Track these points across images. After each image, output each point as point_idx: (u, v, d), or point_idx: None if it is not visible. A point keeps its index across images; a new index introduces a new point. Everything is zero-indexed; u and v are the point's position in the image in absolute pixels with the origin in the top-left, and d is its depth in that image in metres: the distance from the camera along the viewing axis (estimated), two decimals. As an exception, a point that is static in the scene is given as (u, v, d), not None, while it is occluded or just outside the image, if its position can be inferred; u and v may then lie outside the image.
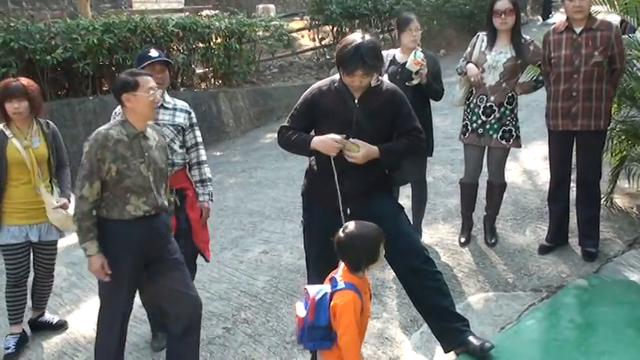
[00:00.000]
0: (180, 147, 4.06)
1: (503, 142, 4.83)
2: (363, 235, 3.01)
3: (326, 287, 3.00)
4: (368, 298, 3.04)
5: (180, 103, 4.14)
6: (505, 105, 4.81)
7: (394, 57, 4.96)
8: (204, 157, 4.21)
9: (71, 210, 3.96)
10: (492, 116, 4.82)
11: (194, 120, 4.17)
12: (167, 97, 4.10)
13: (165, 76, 4.07)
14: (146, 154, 3.43)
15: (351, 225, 3.05)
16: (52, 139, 4.35)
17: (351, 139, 3.34)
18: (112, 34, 8.95)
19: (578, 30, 4.51)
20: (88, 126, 8.54)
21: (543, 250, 4.84)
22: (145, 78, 3.41)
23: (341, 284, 2.96)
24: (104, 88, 9.51)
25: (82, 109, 8.70)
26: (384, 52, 5.09)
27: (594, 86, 4.48)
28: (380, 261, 3.03)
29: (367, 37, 3.38)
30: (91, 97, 8.95)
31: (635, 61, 5.50)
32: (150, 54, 4.01)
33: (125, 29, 9.11)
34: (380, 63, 3.42)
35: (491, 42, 4.84)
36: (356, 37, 3.38)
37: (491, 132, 4.83)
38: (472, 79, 4.82)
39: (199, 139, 4.19)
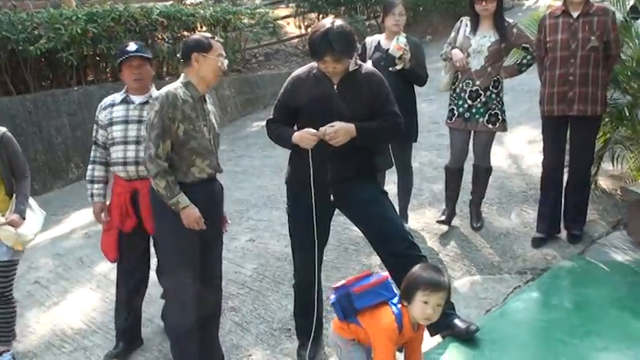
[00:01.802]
0: None
1: (490, 125, 4.85)
2: (413, 269, 3.05)
3: (392, 293, 3.11)
4: (409, 331, 3.05)
5: None
6: (491, 89, 4.83)
7: (379, 43, 4.96)
8: None
9: (24, 229, 3.84)
10: (478, 100, 4.83)
11: None
12: (155, 93, 3.76)
13: (145, 71, 3.93)
14: (208, 117, 3.51)
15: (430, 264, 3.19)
16: (5, 150, 3.89)
17: (326, 127, 3.32)
18: (95, 23, 8.86)
19: (575, 14, 4.51)
20: (72, 117, 8.49)
21: (537, 243, 4.82)
22: (217, 43, 3.49)
23: (394, 306, 3.04)
24: (88, 79, 9.45)
25: (66, 100, 8.63)
26: (369, 38, 5.11)
27: (591, 71, 4.49)
28: (415, 312, 2.97)
29: (337, 22, 3.36)
30: (75, 88, 8.88)
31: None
32: (127, 48, 3.92)
33: (109, 19, 9.03)
34: (350, 48, 3.37)
35: (475, 27, 4.85)
36: (325, 22, 3.36)
37: (477, 116, 4.84)
38: (457, 64, 4.83)
39: None
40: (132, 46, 3.91)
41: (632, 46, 5.23)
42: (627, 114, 5.29)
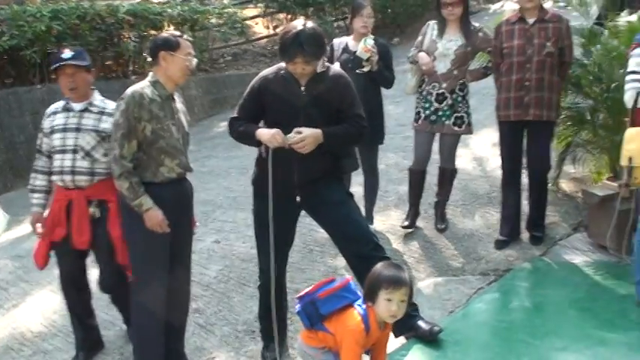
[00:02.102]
0: (105, 155, 3.64)
1: (456, 128, 4.90)
2: (373, 269, 3.09)
3: (356, 295, 3.14)
4: (376, 331, 3.07)
5: (111, 107, 3.71)
6: (457, 92, 4.88)
7: (346, 44, 4.98)
8: None
9: None
10: (445, 103, 4.88)
11: None
12: (96, 100, 3.77)
13: (80, 79, 3.69)
14: (176, 116, 3.47)
15: (389, 262, 3.19)
16: None
17: (293, 132, 3.32)
18: (60, 21, 8.72)
19: (530, 21, 4.59)
20: (35, 115, 8.32)
21: (500, 245, 4.87)
22: (186, 42, 3.45)
23: (360, 307, 3.07)
24: (52, 77, 9.28)
25: (29, 98, 8.48)
26: (337, 40, 5.12)
27: (546, 76, 4.57)
28: (380, 310, 3.00)
29: (309, 24, 3.37)
30: (38, 86, 8.73)
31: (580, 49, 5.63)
32: (62, 55, 3.72)
33: (74, 16, 8.89)
34: (320, 50, 3.40)
35: (442, 30, 4.90)
36: (297, 24, 3.37)
37: (443, 118, 4.89)
38: (424, 68, 4.88)
39: None
40: (66, 53, 3.71)
41: (595, 52, 5.33)
42: (589, 118, 5.38)
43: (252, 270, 4.68)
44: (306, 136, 3.31)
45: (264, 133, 3.38)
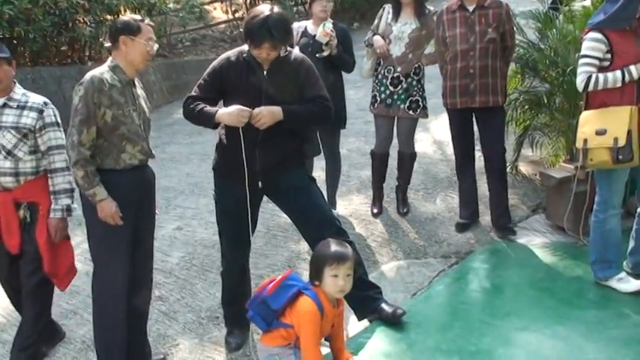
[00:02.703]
0: (31, 152, 3.46)
1: (411, 112, 4.94)
2: (318, 247, 3.16)
3: (301, 282, 3.15)
4: (330, 310, 3.10)
5: (33, 100, 3.50)
6: (412, 76, 4.92)
7: (306, 29, 4.96)
8: (59, 165, 3.52)
9: None
10: (400, 87, 4.91)
11: (50, 119, 3.51)
12: (16, 94, 3.49)
13: (2, 73, 3.41)
14: (137, 101, 3.39)
15: (330, 239, 3.18)
16: None
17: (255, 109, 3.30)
18: (11, 5, 8.44)
19: (470, 8, 4.63)
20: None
21: (461, 228, 4.94)
22: (147, 27, 3.36)
23: (308, 291, 3.08)
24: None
25: (-19, 85, 8.26)
26: (296, 24, 5.09)
27: (490, 63, 4.61)
28: (329, 288, 3.04)
29: (276, 9, 3.35)
30: (-9, 72, 8.51)
31: (536, 33, 5.71)
32: None
33: (26, 0, 8.66)
34: (288, 36, 3.39)
35: (397, 14, 4.94)
36: (264, 8, 3.34)
37: (399, 102, 4.92)
38: (378, 51, 4.91)
39: (54, 143, 3.51)
40: None
41: (551, 37, 5.40)
42: (545, 101, 5.46)
43: (214, 256, 4.66)
44: (263, 109, 3.28)
45: (226, 114, 3.34)
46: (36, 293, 3.61)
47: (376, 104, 5.04)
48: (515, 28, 4.98)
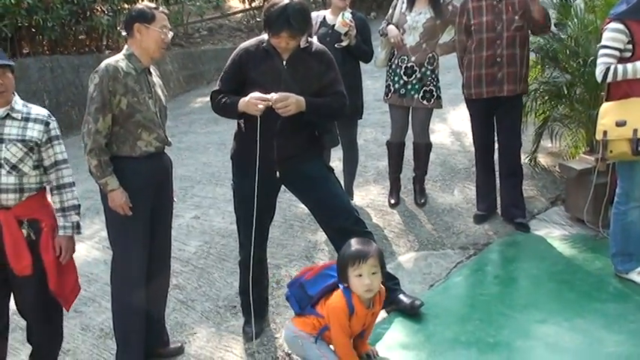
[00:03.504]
0: (35, 167, 3.18)
1: (425, 102, 4.91)
2: (342, 249, 3.13)
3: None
4: (362, 310, 3.10)
5: (36, 112, 3.22)
6: (426, 65, 4.89)
7: (324, 18, 4.94)
8: (67, 179, 3.28)
9: None
10: (414, 77, 4.89)
11: (55, 132, 3.25)
12: (17, 105, 3.19)
13: (7, 81, 3.11)
14: (152, 89, 3.40)
15: (355, 239, 3.17)
16: None
17: (279, 93, 3.28)
18: (30, -7, 8.53)
19: None
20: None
21: (479, 220, 4.91)
22: (162, 14, 3.36)
23: (345, 289, 3.09)
24: (24, 51, 9.11)
25: (0, 73, 8.31)
26: (314, 14, 5.06)
27: (517, 51, 4.57)
28: (356, 288, 3.04)
29: None
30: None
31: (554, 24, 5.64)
32: None
33: (45, -11, 8.70)
34: (307, 26, 3.37)
35: (411, 3, 4.92)
36: None
37: (412, 92, 4.90)
38: (392, 40, 4.89)
39: (61, 157, 3.26)
40: None
41: (572, 26, 5.34)
42: (566, 92, 5.41)
43: (232, 245, 4.67)
44: (291, 97, 3.27)
45: (245, 103, 3.33)
46: (49, 315, 3.32)
47: (390, 94, 5.02)
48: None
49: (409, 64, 4.88)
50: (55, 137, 3.25)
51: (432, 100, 4.92)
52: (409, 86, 4.91)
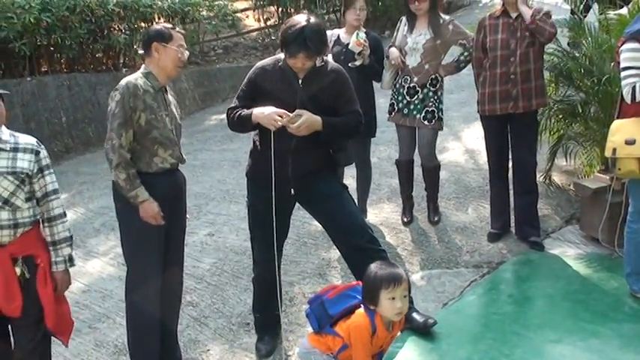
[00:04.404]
0: (27, 199, 3.03)
1: (426, 122, 4.92)
2: (368, 272, 3.13)
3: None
4: (383, 332, 3.13)
5: (25, 140, 3.08)
6: (428, 86, 4.90)
7: (339, 37, 4.97)
8: (57, 211, 3.15)
9: None
10: (416, 97, 4.91)
11: (46, 161, 3.12)
12: (4, 135, 3.03)
13: (1, 111, 3.02)
14: (169, 107, 3.48)
15: (380, 261, 3.20)
16: None
17: (294, 113, 3.31)
18: (49, 12, 8.64)
19: (514, 15, 4.60)
20: (25, 108, 8.28)
21: (493, 238, 4.89)
22: (179, 34, 3.46)
23: (368, 310, 3.11)
24: (42, 69, 9.23)
25: (18, 91, 8.41)
26: (329, 32, 5.08)
27: (532, 66, 4.58)
28: (386, 311, 3.06)
29: (312, 19, 3.36)
30: (28, 79, 8.66)
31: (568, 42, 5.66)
32: None
33: (64, 8, 8.81)
34: (323, 47, 3.41)
35: (412, 25, 4.94)
36: (301, 19, 3.36)
37: (415, 112, 4.92)
38: (392, 62, 4.92)
39: (51, 187, 3.13)
40: None
41: (585, 44, 5.34)
42: (580, 111, 5.39)
43: (245, 263, 4.69)
44: (305, 120, 3.30)
45: (261, 114, 3.36)
46: (40, 351, 3.20)
47: (393, 113, 5.05)
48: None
49: (411, 85, 4.91)
50: (46, 167, 3.11)
51: (434, 120, 4.93)
52: (412, 106, 4.93)
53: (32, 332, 3.10)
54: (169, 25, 3.50)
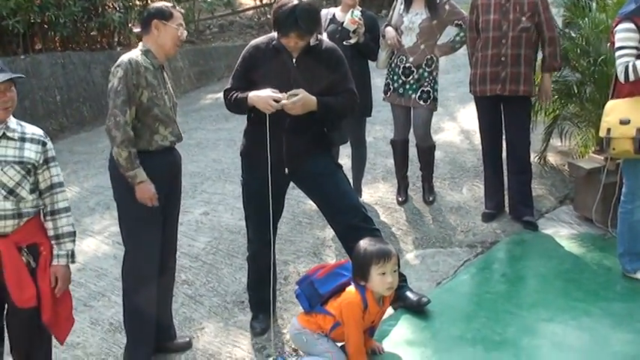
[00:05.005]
0: (31, 191, 2.93)
1: (421, 102, 4.91)
2: (357, 248, 3.15)
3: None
4: (375, 307, 3.14)
5: (32, 131, 2.98)
6: (423, 67, 4.89)
7: (334, 15, 4.96)
8: (62, 204, 3.04)
9: None
10: (411, 77, 4.90)
11: (52, 153, 3.02)
12: (12, 123, 2.93)
13: (10, 97, 2.87)
14: (167, 85, 3.47)
15: (369, 238, 3.21)
16: None
17: (289, 92, 3.31)
18: (43, -10, 8.59)
19: None
20: (19, 86, 8.15)
21: (487, 218, 4.91)
22: (178, 13, 3.44)
23: (357, 285, 3.12)
24: (36, 47, 9.17)
25: (13, 69, 8.18)
26: (324, 11, 5.08)
27: (523, 52, 4.55)
28: (377, 286, 3.07)
29: None
30: (22, 57, 8.60)
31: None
32: None
33: (57, -15, 8.76)
34: (316, 26, 3.39)
35: (408, 5, 4.93)
36: None
37: (410, 92, 4.92)
38: (389, 42, 4.90)
39: (57, 180, 3.03)
40: None
41: (582, 25, 5.33)
42: (576, 91, 5.40)
43: (240, 242, 4.70)
44: (300, 98, 3.29)
45: (256, 97, 3.36)
46: (45, 350, 3.11)
47: (389, 93, 5.04)
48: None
49: (407, 65, 4.90)
50: (52, 158, 3.02)
51: (429, 100, 4.93)
52: (407, 86, 4.92)
53: (28, 324, 2.96)
54: (169, 4, 3.49)
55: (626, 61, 3.73)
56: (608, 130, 3.83)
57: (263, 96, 3.32)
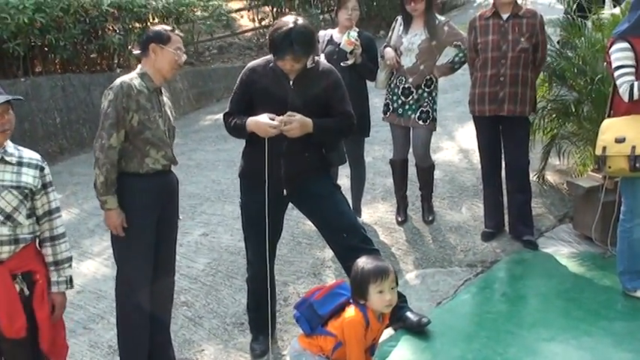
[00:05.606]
0: (28, 216, 2.88)
1: (420, 122, 4.93)
2: (355, 268, 3.12)
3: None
4: (376, 324, 3.12)
5: (29, 155, 2.94)
6: (423, 87, 4.92)
7: (331, 37, 4.99)
8: (61, 230, 3.01)
9: None
10: (410, 97, 4.93)
11: (49, 178, 2.99)
12: (9, 147, 2.90)
13: (7, 120, 2.82)
14: (163, 109, 3.47)
15: (365, 256, 3.18)
16: None
17: (285, 115, 3.32)
18: (43, 13, 8.61)
19: (505, 16, 4.61)
20: (19, 109, 8.17)
21: (487, 237, 4.91)
22: (177, 37, 3.45)
23: (357, 304, 3.09)
24: (36, 70, 9.21)
25: (12, 91, 8.35)
26: (322, 32, 5.13)
27: (521, 72, 4.58)
28: (375, 304, 3.05)
29: (300, 21, 3.36)
30: (22, 79, 8.63)
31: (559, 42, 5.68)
32: None
33: (57, 8, 8.78)
34: (311, 49, 3.41)
35: (407, 25, 4.95)
36: (288, 20, 3.36)
37: (409, 112, 4.94)
38: (388, 62, 4.93)
39: (54, 205, 2.99)
40: None
41: (579, 45, 5.36)
42: (573, 110, 5.42)
43: (240, 263, 4.69)
44: (297, 120, 3.31)
45: (254, 124, 3.37)
46: None
47: (388, 113, 5.06)
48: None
49: (406, 85, 4.92)
50: (49, 184, 2.98)
51: (428, 121, 4.94)
52: (406, 106, 4.94)
53: (30, 355, 2.89)
54: (168, 28, 3.50)
55: (628, 80, 3.74)
56: (604, 148, 3.84)
57: (261, 122, 3.34)
